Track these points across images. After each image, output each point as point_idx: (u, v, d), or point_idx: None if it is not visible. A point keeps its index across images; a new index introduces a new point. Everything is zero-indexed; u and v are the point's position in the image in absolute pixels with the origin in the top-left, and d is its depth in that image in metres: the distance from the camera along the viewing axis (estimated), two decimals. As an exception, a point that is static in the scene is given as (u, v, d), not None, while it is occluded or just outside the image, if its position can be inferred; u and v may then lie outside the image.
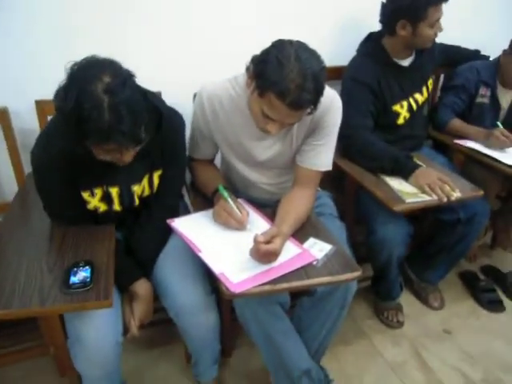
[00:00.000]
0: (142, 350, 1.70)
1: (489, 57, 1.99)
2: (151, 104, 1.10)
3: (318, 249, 1.20)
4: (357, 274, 1.14)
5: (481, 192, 1.54)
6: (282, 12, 1.76)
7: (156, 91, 1.43)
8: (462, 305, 2.01)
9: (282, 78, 1.03)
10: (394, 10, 1.62)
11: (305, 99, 1.06)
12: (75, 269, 1.06)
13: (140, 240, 1.30)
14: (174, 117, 1.29)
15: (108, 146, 1.00)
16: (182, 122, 1.32)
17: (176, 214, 1.35)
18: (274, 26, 1.73)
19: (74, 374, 1.26)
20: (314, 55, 1.09)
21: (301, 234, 1.26)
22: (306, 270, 1.12)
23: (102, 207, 1.27)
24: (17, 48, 1.46)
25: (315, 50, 1.11)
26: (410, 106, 1.78)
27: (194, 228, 1.25)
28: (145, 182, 1.29)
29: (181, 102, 1.40)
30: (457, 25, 1.80)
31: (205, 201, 1.40)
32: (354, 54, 1.79)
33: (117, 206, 1.28)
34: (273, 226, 1.22)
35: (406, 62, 1.76)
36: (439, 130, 1.97)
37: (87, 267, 1.06)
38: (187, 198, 1.57)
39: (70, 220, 1.24)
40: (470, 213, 1.71)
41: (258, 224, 1.28)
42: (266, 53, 1.09)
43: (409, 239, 1.66)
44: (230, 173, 1.51)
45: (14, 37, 1.45)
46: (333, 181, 1.64)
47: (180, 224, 1.27)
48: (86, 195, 1.23)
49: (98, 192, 1.24)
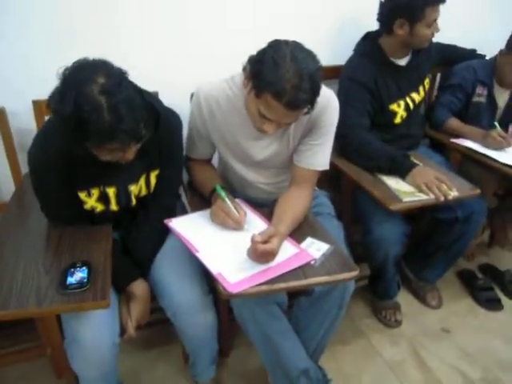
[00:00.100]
0: (139, 350, 1.70)
1: (485, 56, 1.99)
2: (148, 102, 1.10)
3: (315, 248, 1.20)
4: (354, 273, 1.14)
5: (478, 191, 1.54)
6: (278, 12, 1.75)
7: (153, 91, 1.44)
8: (460, 303, 2.01)
9: (278, 78, 1.03)
10: (392, 8, 1.63)
11: (301, 99, 1.06)
12: (72, 269, 1.06)
13: (137, 240, 1.30)
14: (171, 117, 1.29)
15: (111, 146, 1.01)
16: (179, 122, 1.32)
17: (173, 213, 1.35)
18: (270, 26, 1.72)
19: (71, 375, 1.26)
20: (309, 55, 1.09)
21: (298, 233, 1.26)
22: (303, 270, 1.12)
23: (99, 207, 1.26)
24: (11, 49, 1.46)
25: (311, 49, 1.11)
26: (406, 105, 1.78)
27: (192, 228, 1.25)
28: (142, 181, 1.29)
29: (178, 102, 1.40)
30: (453, 24, 1.80)
31: (202, 201, 1.40)
32: (351, 54, 1.79)
33: (114, 206, 1.28)
34: (270, 225, 1.22)
35: (402, 62, 1.75)
36: (436, 129, 1.97)
37: (84, 268, 1.06)
38: (184, 198, 1.57)
39: (67, 220, 1.24)
40: (468, 211, 1.71)
41: (256, 224, 1.28)
42: (262, 53, 1.09)
43: (405, 238, 1.66)
44: (227, 172, 1.51)
45: (9, 39, 1.44)
46: (330, 180, 1.64)
47: (177, 224, 1.27)
48: (82, 195, 1.23)
49: (95, 192, 1.23)
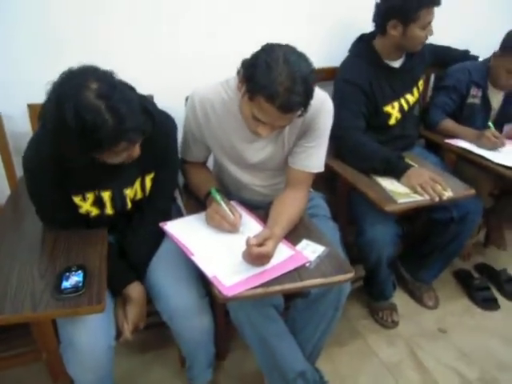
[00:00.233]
0: (135, 353, 1.69)
1: (478, 57, 2.00)
2: (143, 105, 1.09)
3: (310, 250, 1.21)
4: (350, 275, 1.14)
5: (472, 191, 1.54)
6: (273, 14, 1.76)
7: (148, 95, 1.43)
8: (456, 303, 2.01)
9: (270, 81, 1.04)
10: (386, 9, 1.64)
11: (294, 102, 1.06)
12: (67, 273, 1.05)
13: (132, 243, 1.30)
14: (166, 120, 1.29)
15: (118, 148, 1.02)
16: (174, 125, 1.32)
17: (168, 217, 1.35)
18: (265, 29, 1.72)
19: (67, 379, 1.25)
20: (302, 58, 1.09)
21: (293, 235, 1.26)
22: (298, 272, 1.12)
23: (94, 211, 1.26)
24: (3, 53, 1.45)
25: (304, 52, 1.11)
26: (401, 106, 1.78)
27: (187, 231, 1.25)
28: (137, 185, 1.29)
29: (173, 105, 1.40)
30: (447, 26, 1.81)
31: (197, 203, 1.40)
32: (345, 55, 1.80)
33: (109, 210, 1.28)
34: (265, 228, 1.22)
35: (396, 64, 1.76)
36: (430, 129, 1.98)
37: (79, 271, 1.06)
38: (180, 201, 1.57)
39: (62, 224, 1.24)
40: (463, 211, 1.72)
41: (251, 226, 1.28)
42: (255, 57, 1.09)
43: (397, 239, 1.66)
44: (222, 175, 1.51)
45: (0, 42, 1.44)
46: (325, 182, 1.64)
47: (173, 227, 1.27)
48: (77, 199, 1.22)
49: (90, 196, 1.23)
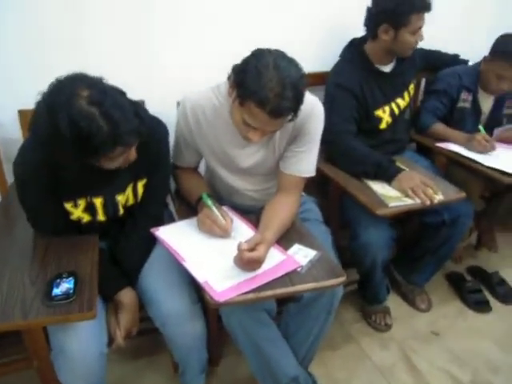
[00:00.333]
0: (128, 360, 1.68)
1: (468, 61, 2.02)
2: (135, 111, 1.09)
3: (302, 255, 1.21)
4: (341, 279, 1.15)
5: (463, 194, 1.55)
6: (264, 19, 1.77)
7: (139, 100, 1.43)
8: (449, 306, 2.01)
9: (260, 87, 1.04)
10: (377, 13, 1.65)
11: (284, 107, 1.07)
12: (58, 280, 1.05)
13: (125, 249, 1.30)
14: (158, 126, 1.29)
15: (113, 153, 1.02)
16: (166, 131, 1.32)
17: (161, 222, 1.35)
18: (256, 34, 1.73)
19: (58, 387, 1.24)
20: (292, 63, 1.10)
21: (285, 240, 1.26)
22: (290, 277, 1.12)
23: (86, 217, 1.26)
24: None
25: (294, 58, 1.12)
26: (391, 110, 1.79)
27: (178, 236, 1.25)
28: (129, 191, 1.29)
29: (164, 110, 1.40)
30: (438, 31, 1.83)
31: (189, 209, 1.40)
32: (337, 60, 1.80)
33: (101, 217, 1.27)
34: (257, 233, 1.22)
35: (387, 68, 1.77)
36: (421, 133, 1.99)
37: (70, 278, 1.06)
38: (172, 207, 1.57)
39: (54, 230, 1.23)
40: (455, 214, 1.73)
41: (243, 231, 1.28)
42: (245, 62, 1.10)
43: (392, 243, 1.67)
44: (214, 180, 1.51)
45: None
46: (317, 186, 1.64)
47: (164, 233, 1.27)
48: (69, 206, 1.22)
49: (82, 203, 1.23)
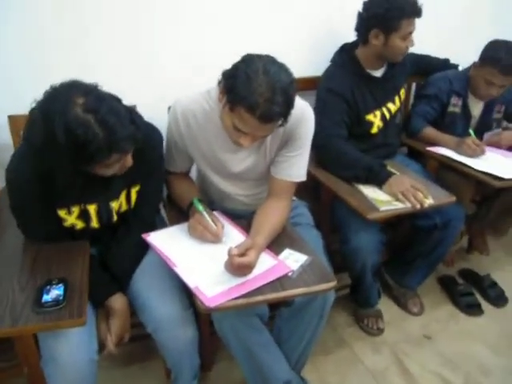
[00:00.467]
0: (120, 366, 1.66)
1: (458, 65, 2.04)
2: (130, 118, 1.09)
3: (293, 260, 1.21)
4: (332, 284, 1.15)
5: (453, 198, 1.56)
6: (256, 24, 1.77)
7: (130, 105, 1.43)
8: (441, 309, 2.02)
9: (250, 92, 1.05)
10: (368, 18, 1.66)
11: (274, 112, 1.07)
12: (48, 287, 1.04)
13: (116, 255, 1.29)
14: (152, 133, 1.29)
15: (109, 160, 1.03)
16: (160, 137, 1.33)
17: (154, 228, 1.34)
18: (246, 39, 1.74)
19: (49, 394, 1.23)
20: (282, 68, 1.10)
21: (276, 244, 1.26)
22: (281, 282, 1.12)
23: (79, 224, 1.25)
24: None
25: (284, 63, 1.12)
26: (382, 115, 1.80)
27: (170, 242, 1.25)
28: (122, 197, 1.28)
29: (155, 115, 1.40)
30: (429, 37, 1.85)
31: (181, 214, 1.39)
32: (328, 65, 1.81)
33: (95, 223, 1.27)
34: (247, 238, 1.22)
35: (378, 73, 1.79)
36: (412, 137, 2.00)
37: (60, 285, 1.05)
38: (164, 212, 1.56)
39: (47, 237, 1.22)
40: (446, 218, 1.74)
41: (234, 236, 1.28)
42: (235, 68, 1.10)
43: (382, 247, 1.67)
44: (205, 185, 1.51)
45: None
46: (309, 190, 1.65)
47: (155, 238, 1.27)
48: (62, 213, 1.21)
49: (76, 210, 1.22)
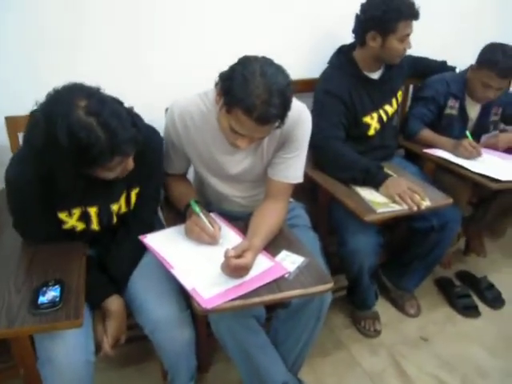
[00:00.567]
0: (116, 368, 1.66)
1: (455, 68, 2.04)
2: (132, 120, 1.09)
3: (290, 261, 1.21)
4: (329, 285, 1.15)
5: (450, 200, 1.57)
6: (255, 26, 1.78)
7: (128, 106, 1.43)
8: (438, 311, 2.02)
9: (247, 94, 1.05)
10: (365, 20, 1.67)
11: (271, 114, 1.08)
12: (44, 288, 1.04)
13: (115, 257, 1.29)
14: (153, 135, 1.29)
15: (111, 163, 1.03)
16: (161, 140, 1.33)
17: (153, 230, 1.34)
18: (243, 40, 1.74)
19: (45, 396, 1.23)
20: (279, 70, 1.10)
21: (273, 246, 1.26)
22: (277, 283, 1.13)
23: (80, 226, 1.25)
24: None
25: (281, 64, 1.12)
26: (380, 117, 1.81)
27: (167, 244, 1.25)
28: (122, 200, 1.28)
29: (152, 116, 1.39)
30: (427, 39, 1.86)
31: (178, 216, 1.39)
32: (325, 67, 1.81)
33: (95, 226, 1.27)
34: (244, 239, 1.22)
35: (375, 75, 1.79)
36: (409, 139, 2.01)
37: (57, 286, 1.05)
38: (161, 214, 1.56)
39: (47, 239, 1.22)
40: (443, 220, 1.74)
41: (230, 238, 1.28)
42: (231, 69, 1.11)
43: (379, 249, 1.67)
44: (202, 186, 1.51)
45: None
46: (306, 192, 1.65)
47: (152, 240, 1.27)
48: (63, 216, 1.21)
49: (76, 212, 1.22)
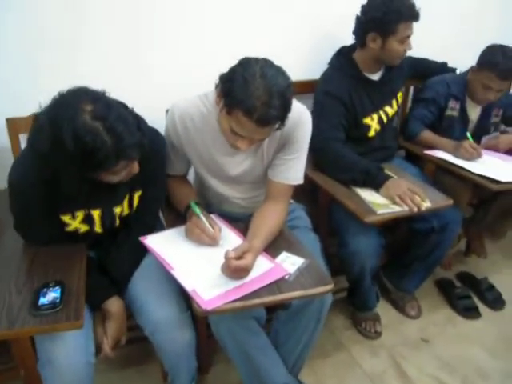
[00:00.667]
0: (116, 369, 1.66)
1: (456, 69, 2.04)
2: (136, 123, 1.09)
3: (290, 263, 1.21)
4: (329, 287, 1.15)
5: (450, 201, 1.56)
6: (255, 26, 1.78)
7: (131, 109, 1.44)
8: (438, 313, 2.02)
9: (247, 95, 1.05)
10: (366, 22, 1.67)
11: (271, 116, 1.08)
12: (45, 289, 1.04)
13: (116, 259, 1.29)
14: (156, 138, 1.29)
15: (116, 168, 1.03)
16: (164, 142, 1.33)
17: (154, 232, 1.33)
18: (243, 42, 1.74)
19: (45, 398, 1.23)
20: (279, 72, 1.11)
21: (273, 247, 1.26)
22: (278, 285, 1.13)
23: (83, 228, 1.25)
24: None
25: (281, 66, 1.13)
26: (380, 118, 1.81)
27: (167, 245, 1.25)
28: (125, 202, 1.28)
29: (153, 118, 1.39)
30: (427, 41, 1.86)
31: (179, 217, 1.39)
32: (325, 68, 1.82)
33: (98, 228, 1.27)
34: (245, 241, 1.23)
35: (375, 77, 1.79)
36: (410, 141, 2.01)
37: (57, 287, 1.05)
38: (161, 215, 1.56)
39: (50, 241, 1.23)
40: (443, 221, 1.74)
41: (231, 239, 1.28)
42: (232, 71, 1.11)
43: (381, 250, 1.67)
44: (203, 188, 1.52)
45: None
46: (307, 193, 1.65)
47: (153, 241, 1.27)
48: (66, 218, 1.22)
49: (80, 214, 1.23)
